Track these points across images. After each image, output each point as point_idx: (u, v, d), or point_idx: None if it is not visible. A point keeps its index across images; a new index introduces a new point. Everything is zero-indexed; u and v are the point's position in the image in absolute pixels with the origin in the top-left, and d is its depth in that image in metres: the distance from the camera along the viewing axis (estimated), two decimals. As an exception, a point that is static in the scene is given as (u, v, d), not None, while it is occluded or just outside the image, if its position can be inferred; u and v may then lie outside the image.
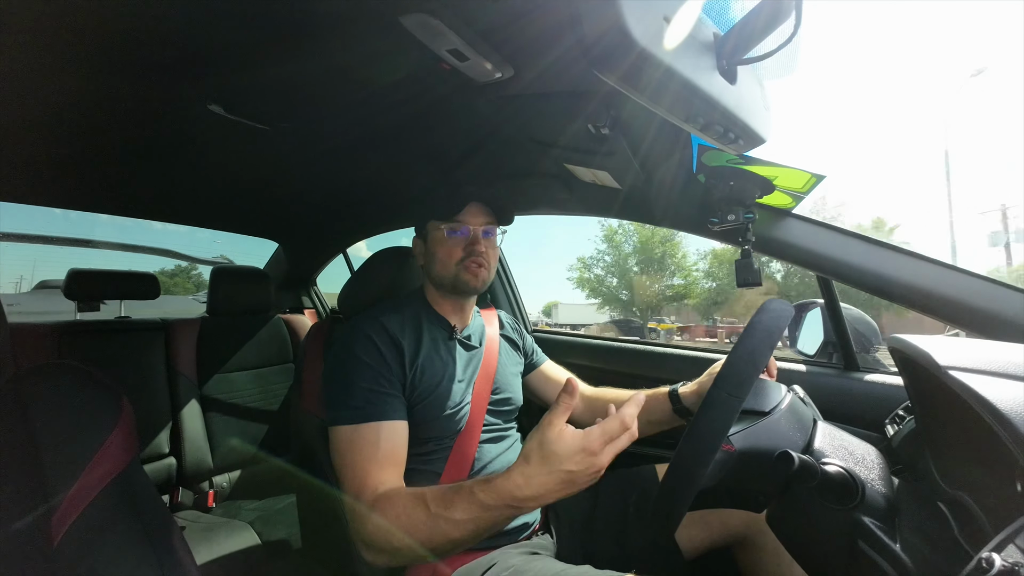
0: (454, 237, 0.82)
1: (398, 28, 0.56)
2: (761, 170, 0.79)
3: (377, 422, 0.70)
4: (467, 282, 0.82)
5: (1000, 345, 0.50)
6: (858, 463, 0.51)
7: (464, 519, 0.55)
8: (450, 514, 0.56)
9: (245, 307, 1.62)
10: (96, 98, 0.78)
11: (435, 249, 0.84)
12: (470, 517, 0.55)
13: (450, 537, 0.57)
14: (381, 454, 0.69)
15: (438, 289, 0.87)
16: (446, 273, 0.83)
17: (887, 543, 0.46)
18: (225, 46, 0.65)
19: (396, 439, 0.71)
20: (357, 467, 0.67)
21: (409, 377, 0.76)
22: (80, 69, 0.69)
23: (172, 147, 1.03)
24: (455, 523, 0.56)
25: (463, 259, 0.82)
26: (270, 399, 1.60)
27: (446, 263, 0.82)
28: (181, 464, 1.38)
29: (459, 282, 0.82)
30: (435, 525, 0.57)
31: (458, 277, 0.82)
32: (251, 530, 1.23)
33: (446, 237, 0.83)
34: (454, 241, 0.82)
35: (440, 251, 0.83)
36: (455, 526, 0.56)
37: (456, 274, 0.82)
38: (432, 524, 0.57)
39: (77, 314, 1.47)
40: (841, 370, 0.98)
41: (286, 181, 1.31)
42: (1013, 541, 0.35)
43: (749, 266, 0.86)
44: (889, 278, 0.75)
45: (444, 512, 0.57)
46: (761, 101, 0.57)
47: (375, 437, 0.69)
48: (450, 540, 0.57)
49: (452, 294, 0.86)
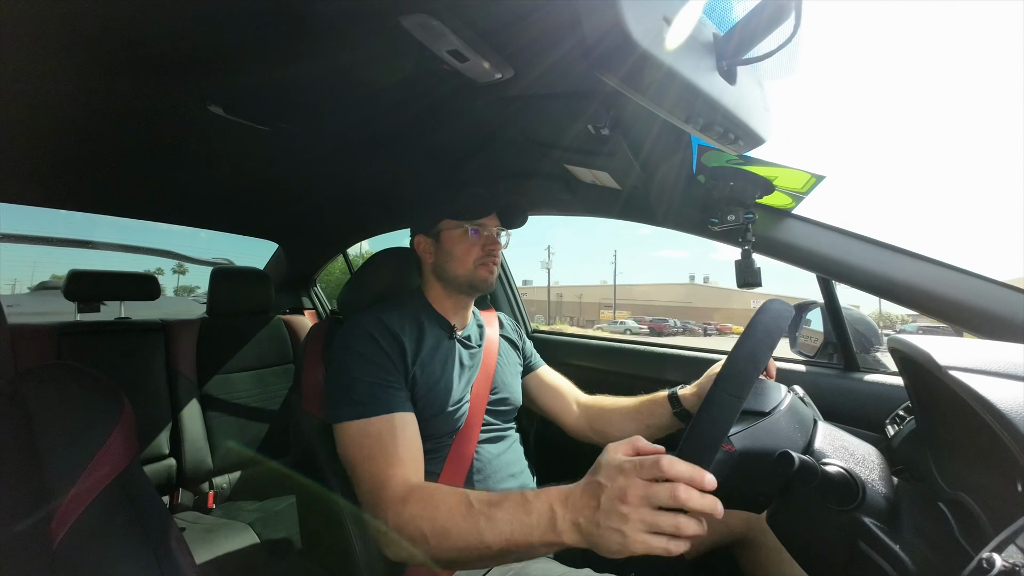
0: (472, 237, 0.85)
1: (398, 29, 0.56)
2: (761, 170, 0.79)
3: (388, 414, 0.70)
4: (484, 279, 0.85)
5: (1001, 345, 0.50)
6: (858, 463, 0.51)
7: (505, 519, 0.53)
8: (492, 512, 0.54)
9: (245, 308, 1.62)
10: (96, 99, 0.78)
11: (452, 247, 0.85)
12: (510, 518, 0.53)
13: (484, 539, 0.54)
14: (400, 446, 0.68)
15: (447, 287, 0.88)
16: (463, 271, 0.85)
17: (888, 543, 0.46)
18: (225, 47, 0.65)
19: (409, 431, 0.71)
20: (377, 460, 0.66)
21: (411, 373, 0.76)
22: (80, 70, 0.69)
23: (172, 148, 1.03)
24: (494, 523, 0.53)
25: (481, 258, 0.85)
26: (270, 400, 1.60)
27: (464, 261, 0.85)
28: (181, 465, 1.38)
29: (476, 279, 0.85)
30: (474, 523, 0.55)
31: (475, 274, 0.85)
32: (251, 531, 1.23)
33: (467, 236, 0.85)
34: (473, 240, 0.85)
35: (458, 249, 0.85)
36: (493, 527, 0.53)
37: (474, 271, 0.85)
38: (471, 521, 0.55)
39: (77, 315, 1.47)
40: (841, 370, 0.97)
41: (286, 182, 1.31)
42: (1014, 541, 0.35)
43: (749, 267, 0.86)
44: (890, 278, 0.74)
45: (487, 510, 0.55)
46: (761, 101, 0.57)
47: (389, 429, 0.69)
48: (483, 543, 0.54)
49: (463, 292, 0.87)
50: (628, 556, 0.45)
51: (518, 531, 0.52)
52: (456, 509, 0.57)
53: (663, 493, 0.43)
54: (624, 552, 0.45)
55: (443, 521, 0.57)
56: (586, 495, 0.49)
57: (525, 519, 0.52)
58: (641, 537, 0.43)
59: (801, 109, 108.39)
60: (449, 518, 0.57)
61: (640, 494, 0.43)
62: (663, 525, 0.43)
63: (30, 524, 0.39)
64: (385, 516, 0.61)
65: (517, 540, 0.52)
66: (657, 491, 0.43)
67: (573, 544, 0.50)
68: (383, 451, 0.67)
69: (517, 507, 0.53)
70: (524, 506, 0.53)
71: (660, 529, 0.43)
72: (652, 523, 0.43)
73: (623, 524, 0.44)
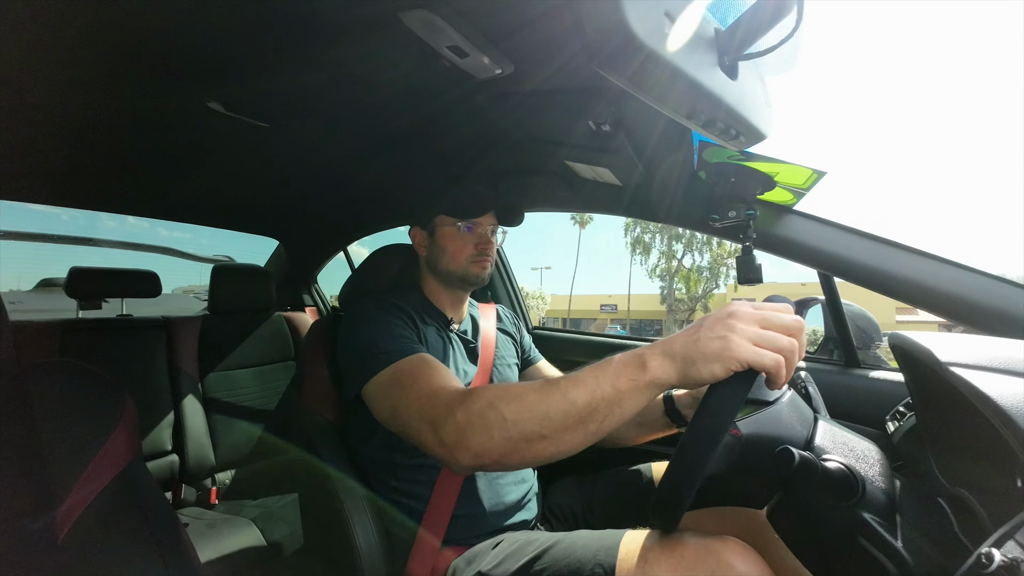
0: (466, 234, 0.86)
1: (398, 25, 0.56)
2: (762, 166, 0.79)
3: (418, 354, 0.69)
4: (477, 275, 0.87)
5: (1002, 341, 0.49)
6: (859, 459, 0.51)
7: (588, 375, 0.50)
8: (570, 379, 0.51)
9: (246, 305, 1.62)
10: (97, 97, 0.78)
11: (445, 244, 0.87)
12: (595, 372, 0.50)
13: (568, 396, 0.49)
14: (439, 371, 0.65)
15: (441, 281, 0.89)
16: (455, 267, 0.86)
17: (887, 539, 0.46)
18: (223, 43, 0.65)
19: (442, 367, 0.67)
20: (421, 385, 0.62)
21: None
22: (79, 68, 0.69)
23: (172, 145, 1.02)
24: (576, 382, 0.50)
25: (474, 255, 0.86)
26: (271, 397, 1.61)
27: (457, 258, 0.86)
28: (183, 461, 1.39)
29: (469, 275, 0.86)
30: (549, 392, 0.51)
31: (468, 271, 0.86)
32: (254, 527, 1.24)
33: (460, 233, 0.86)
34: (467, 238, 0.86)
35: (451, 246, 0.86)
36: (575, 384, 0.50)
37: (466, 268, 0.86)
38: (545, 392, 0.51)
39: (79, 312, 1.47)
40: (842, 367, 0.98)
41: (287, 178, 1.31)
42: (1013, 537, 0.35)
43: (751, 263, 0.86)
44: (892, 274, 0.74)
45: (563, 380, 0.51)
46: (763, 97, 0.57)
47: (421, 363, 0.67)
48: (567, 400, 0.49)
49: (456, 286, 0.88)
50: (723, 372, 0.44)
51: (603, 379, 0.49)
52: (523, 389, 0.53)
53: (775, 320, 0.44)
54: (723, 358, 0.44)
55: (517, 394, 0.53)
56: (683, 333, 0.48)
57: (608, 366, 0.50)
58: (747, 345, 0.43)
59: (803, 105, 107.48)
60: (522, 391, 0.53)
61: (751, 315, 0.44)
62: (773, 340, 0.44)
63: (34, 520, 0.39)
64: (449, 418, 0.55)
65: (604, 389, 0.49)
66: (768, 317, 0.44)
67: (663, 377, 0.47)
68: (426, 378, 0.63)
69: (597, 366, 0.51)
70: (606, 361, 0.50)
71: (767, 344, 0.44)
72: (760, 337, 0.44)
73: (729, 332, 0.44)
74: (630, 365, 0.48)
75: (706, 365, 0.45)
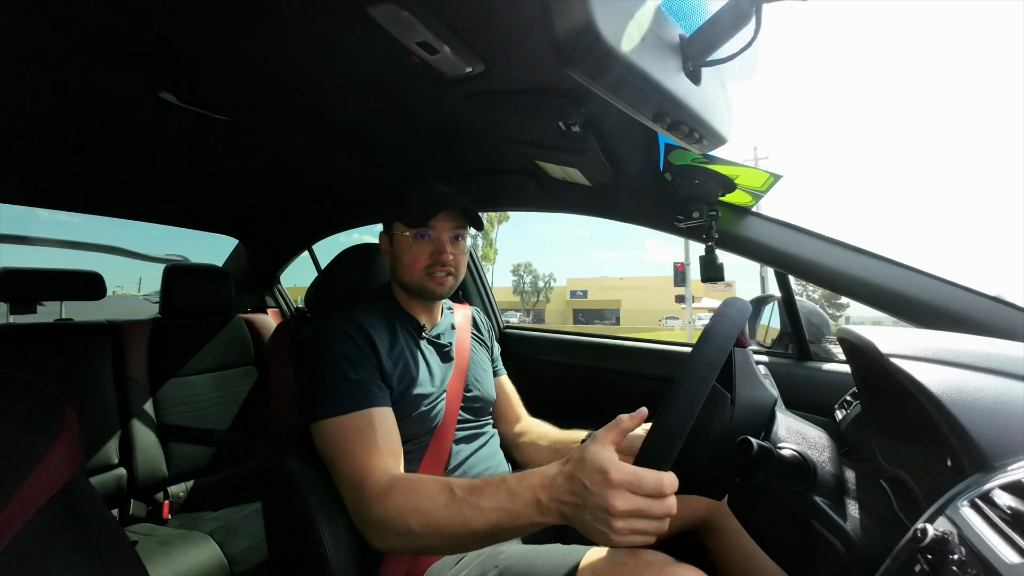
0: (420, 243, 0.80)
1: (366, 19, 0.55)
2: (723, 169, 0.82)
3: (367, 409, 0.68)
4: (432, 291, 0.81)
5: (938, 334, 0.54)
6: (811, 446, 0.54)
7: (490, 507, 0.53)
8: (476, 500, 0.54)
9: (202, 306, 1.54)
10: (40, 86, 0.72)
11: (400, 253, 0.82)
12: (496, 506, 0.53)
13: (470, 526, 0.54)
14: (380, 439, 0.67)
15: (404, 291, 0.86)
16: (411, 279, 0.82)
17: (836, 520, 0.49)
18: (178, 30, 0.61)
19: (388, 425, 0.69)
20: (357, 454, 0.65)
21: (386, 372, 0.75)
22: (23, 56, 0.63)
23: (121, 137, 0.96)
24: (479, 511, 0.54)
25: (429, 267, 0.80)
26: (231, 403, 1.53)
27: (411, 269, 0.81)
28: (132, 474, 1.30)
29: (424, 290, 0.82)
30: (458, 510, 0.55)
31: (423, 285, 0.81)
32: (211, 541, 1.18)
33: (412, 243, 0.80)
34: (420, 247, 0.80)
35: (406, 256, 0.81)
36: (479, 514, 0.54)
37: (421, 282, 0.81)
38: (455, 509, 0.55)
39: (10, 317, 1.35)
40: (796, 360, 1.03)
41: (247, 175, 1.25)
42: (943, 512, 0.38)
43: (713, 262, 0.90)
44: (841, 273, 0.79)
45: (470, 497, 0.55)
46: (724, 102, 0.59)
47: (367, 423, 0.68)
48: (469, 529, 0.54)
49: (417, 298, 0.85)
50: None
51: (505, 517, 0.53)
52: (438, 498, 0.56)
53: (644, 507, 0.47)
54: (608, 543, 0.49)
55: (426, 511, 0.56)
56: (568, 488, 0.50)
57: (510, 506, 0.53)
58: (626, 539, 0.47)
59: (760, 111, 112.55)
60: (432, 508, 0.56)
61: (624, 508, 0.46)
62: (646, 529, 0.47)
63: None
64: (368, 508, 0.60)
65: (504, 524, 0.53)
66: (638, 505, 0.47)
67: (560, 523, 0.52)
68: (363, 445, 0.66)
69: (501, 493, 0.54)
70: (508, 492, 0.53)
71: (641, 531, 0.48)
72: (635, 528, 0.47)
73: (607, 528, 0.47)
74: (531, 511, 0.52)
75: (595, 538, 0.49)
